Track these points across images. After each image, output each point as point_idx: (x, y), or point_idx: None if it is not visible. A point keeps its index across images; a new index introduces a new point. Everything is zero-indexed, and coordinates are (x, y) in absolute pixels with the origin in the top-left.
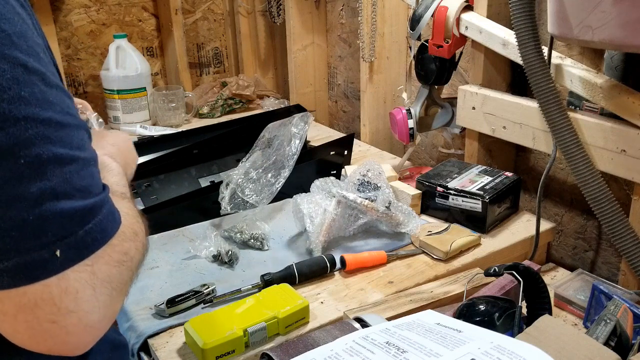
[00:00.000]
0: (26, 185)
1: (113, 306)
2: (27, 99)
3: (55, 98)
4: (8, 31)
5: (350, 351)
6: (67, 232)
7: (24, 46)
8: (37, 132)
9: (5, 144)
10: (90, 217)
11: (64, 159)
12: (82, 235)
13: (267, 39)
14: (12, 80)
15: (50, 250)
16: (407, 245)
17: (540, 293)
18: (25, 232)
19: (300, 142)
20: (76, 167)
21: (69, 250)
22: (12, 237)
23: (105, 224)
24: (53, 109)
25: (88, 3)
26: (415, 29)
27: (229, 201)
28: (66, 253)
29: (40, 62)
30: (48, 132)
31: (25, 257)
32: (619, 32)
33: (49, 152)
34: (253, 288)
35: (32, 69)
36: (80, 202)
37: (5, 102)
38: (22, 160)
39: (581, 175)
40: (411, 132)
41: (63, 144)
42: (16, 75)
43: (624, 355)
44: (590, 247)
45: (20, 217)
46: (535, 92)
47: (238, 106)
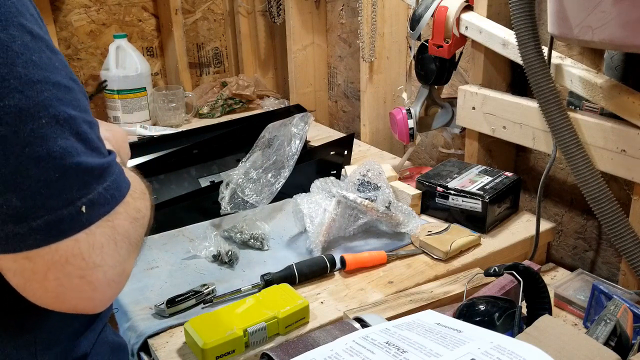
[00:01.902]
0: (49, 144)
1: (130, 261)
2: (38, 64)
3: (60, 63)
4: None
5: (350, 351)
6: (89, 190)
7: (27, 15)
8: (51, 94)
9: (26, 105)
10: (106, 175)
11: (77, 119)
12: (102, 192)
13: (267, 39)
14: (23, 45)
15: (76, 206)
16: (407, 245)
17: (540, 293)
18: (52, 190)
19: (300, 142)
20: (87, 128)
21: (92, 206)
22: (41, 195)
23: (119, 182)
24: (59, 73)
25: (88, 3)
26: (415, 29)
27: (229, 201)
28: (90, 209)
29: (42, 29)
30: (60, 94)
31: (55, 215)
32: (619, 32)
33: (64, 112)
34: (253, 288)
35: (37, 36)
36: (97, 160)
37: (20, 66)
38: (43, 120)
39: (581, 175)
40: (411, 132)
41: (73, 107)
42: (26, 41)
43: (624, 355)
44: (590, 247)
45: (47, 176)
46: (535, 92)
47: (238, 106)
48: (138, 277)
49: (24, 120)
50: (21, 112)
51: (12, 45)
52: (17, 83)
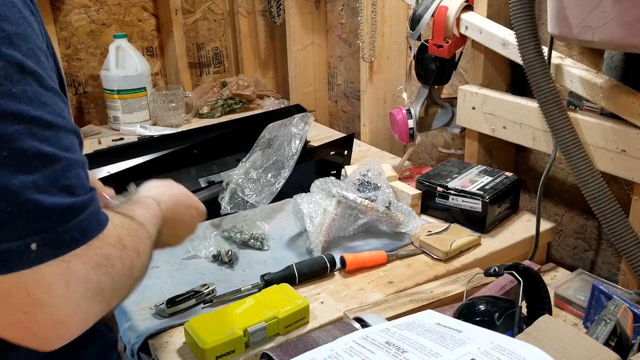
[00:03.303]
0: (7, 178)
1: (87, 308)
2: (18, 96)
3: (49, 100)
4: (9, 31)
5: (350, 351)
6: (44, 228)
7: (24, 48)
8: (23, 128)
9: None
10: (71, 216)
11: (49, 157)
12: (60, 233)
13: (267, 39)
14: (5, 77)
15: (26, 242)
16: (407, 245)
17: (540, 293)
18: (3, 223)
19: (300, 143)
20: (61, 167)
21: (44, 245)
22: None
23: (85, 225)
24: (44, 109)
25: (88, 3)
26: (415, 29)
27: (229, 201)
28: (42, 248)
29: (39, 65)
30: (35, 130)
31: (3, 246)
32: (619, 32)
33: (33, 148)
34: (253, 288)
35: (28, 70)
36: (62, 200)
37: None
38: (4, 152)
39: (581, 175)
40: (411, 132)
41: (49, 143)
42: (10, 73)
43: (624, 355)
44: (590, 247)
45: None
46: (535, 92)
47: (238, 106)
48: None
49: None
50: None
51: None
52: None
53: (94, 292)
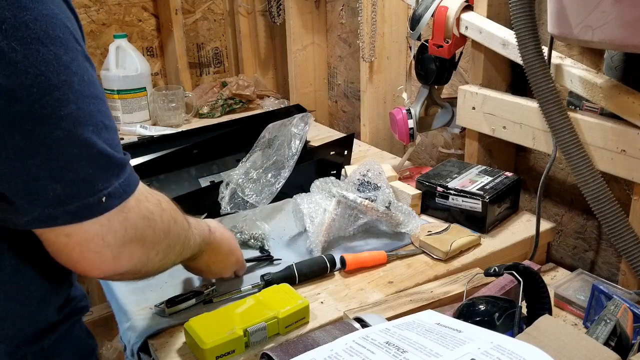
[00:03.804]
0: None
1: (132, 251)
2: (87, 81)
3: (95, 77)
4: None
5: (350, 351)
6: (109, 184)
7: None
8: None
9: (78, 115)
10: (122, 174)
11: (108, 127)
12: (117, 187)
13: (267, 39)
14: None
15: (99, 196)
16: (407, 245)
17: (540, 293)
18: (86, 183)
19: (300, 143)
20: (113, 134)
21: (110, 197)
22: (78, 186)
23: (130, 180)
24: (98, 89)
25: (88, 3)
26: (415, 29)
27: (229, 201)
28: (108, 199)
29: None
30: (100, 107)
31: (84, 202)
32: (619, 32)
33: (101, 122)
34: (253, 288)
35: (87, 59)
36: (118, 161)
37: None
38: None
39: (581, 175)
40: (411, 132)
41: (106, 117)
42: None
43: (624, 355)
44: (590, 247)
45: (85, 171)
46: (535, 92)
47: (238, 106)
48: None
49: (76, 127)
50: (75, 120)
51: (70, 66)
52: (73, 97)
53: (139, 238)
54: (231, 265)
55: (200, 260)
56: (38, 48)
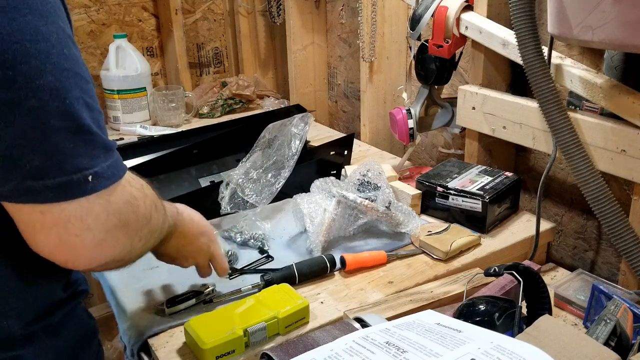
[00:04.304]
0: (69, 119)
1: (117, 237)
2: (67, 56)
3: (80, 59)
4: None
5: (350, 351)
6: (96, 163)
7: (63, 17)
8: (74, 81)
9: (56, 86)
10: (109, 156)
11: (90, 106)
12: (105, 168)
13: (267, 39)
14: (58, 40)
15: (84, 174)
16: (407, 245)
17: (540, 293)
18: (67, 156)
19: (300, 143)
20: (97, 115)
21: (97, 177)
22: (58, 159)
23: (118, 165)
24: (81, 68)
25: (88, 3)
26: (415, 29)
27: (229, 201)
28: (95, 180)
29: (70, 31)
30: (80, 83)
31: (66, 178)
32: (619, 32)
33: (82, 98)
34: (253, 288)
35: (68, 35)
36: (104, 141)
37: (54, 55)
38: (67, 100)
39: (581, 175)
40: (411, 132)
41: (89, 95)
42: (60, 37)
43: (624, 355)
44: (590, 247)
45: (65, 144)
46: (535, 92)
47: (238, 106)
48: (138, 277)
49: (53, 98)
50: (52, 91)
51: (50, 38)
52: (51, 68)
53: (123, 224)
54: (202, 248)
55: (169, 244)
56: (15, 17)
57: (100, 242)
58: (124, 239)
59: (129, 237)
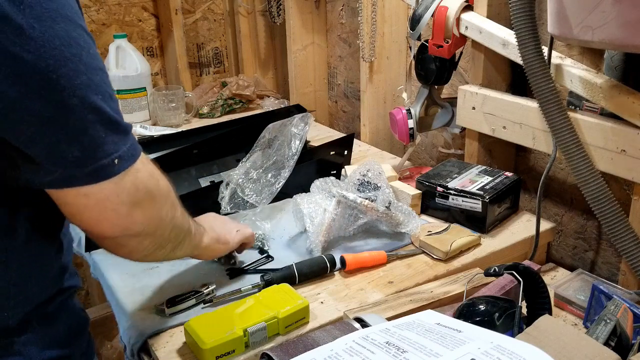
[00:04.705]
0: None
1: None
2: (93, 55)
3: (94, 50)
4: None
5: (350, 351)
6: (119, 147)
7: (82, 18)
8: (100, 78)
9: (90, 84)
10: (127, 139)
11: (112, 96)
12: (125, 150)
13: (267, 39)
14: (85, 41)
15: (111, 158)
16: (407, 245)
17: (540, 293)
18: (100, 146)
19: (300, 143)
20: (116, 103)
21: (121, 159)
22: (93, 149)
23: (135, 145)
24: (100, 61)
25: (88, 3)
26: (415, 29)
27: (229, 201)
28: (120, 161)
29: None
30: (105, 78)
31: (99, 163)
32: (619, 32)
33: (107, 91)
34: (253, 288)
35: (90, 35)
36: (124, 127)
37: (84, 56)
38: (99, 95)
39: (581, 175)
40: (411, 132)
41: (109, 87)
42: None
43: (624, 355)
44: (590, 247)
45: (98, 135)
46: (535, 92)
47: (238, 106)
48: (138, 277)
49: (88, 95)
50: (87, 88)
51: (79, 41)
52: (84, 68)
53: (149, 195)
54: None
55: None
56: (52, 25)
57: (130, 212)
58: (151, 208)
59: (156, 207)
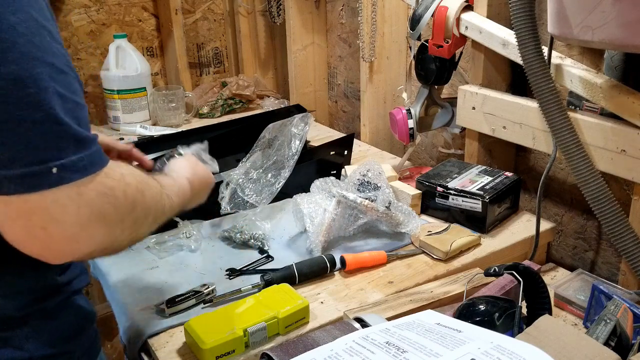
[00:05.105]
0: (34, 110)
1: (92, 230)
2: (37, 45)
3: (59, 52)
4: None
5: (350, 351)
6: (63, 155)
7: (37, 7)
8: (43, 71)
9: (21, 75)
10: (82, 149)
11: (63, 96)
12: (75, 160)
13: (267, 39)
14: (27, 28)
15: (48, 166)
16: (407, 245)
17: (540, 293)
18: (30, 148)
19: (300, 143)
20: (71, 106)
21: (63, 169)
22: (21, 150)
23: (94, 157)
24: (57, 58)
25: (88, 3)
26: (415, 29)
27: (229, 201)
28: (61, 172)
29: (49, 22)
30: (52, 74)
31: (29, 169)
32: (619, 32)
33: (52, 87)
34: (253, 288)
35: (42, 25)
36: (76, 133)
37: (20, 44)
38: (32, 89)
39: (581, 175)
40: (411, 132)
41: (62, 86)
42: (30, 26)
43: (624, 355)
44: (590, 247)
45: (28, 135)
46: (535, 92)
47: (238, 106)
48: (138, 277)
49: (16, 87)
50: (15, 80)
51: (17, 27)
52: (16, 56)
53: (97, 216)
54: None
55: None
56: None
57: (72, 236)
58: (101, 232)
59: (108, 230)
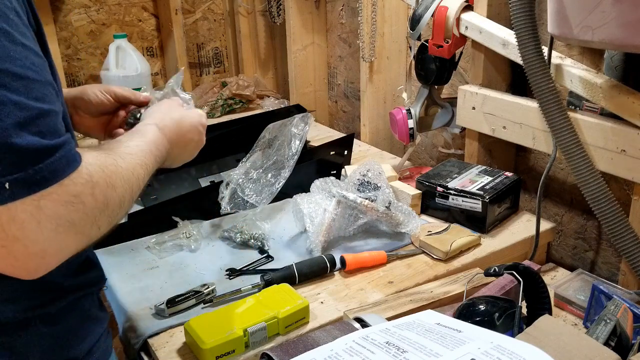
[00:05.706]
0: None
1: (60, 242)
2: None
3: (18, 54)
4: None
5: (350, 351)
6: (17, 169)
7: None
8: None
9: None
10: (41, 158)
11: (19, 104)
12: (31, 173)
13: (267, 39)
14: None
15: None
16: (407, 245)
17: (540, 293)
18: None
19: (300, 143)
20: (30, 114)
21: (17, 184)
22: None
23: (56, 166)
24: (13, 62)
25: (88, 3)
26: (415, 29)
27: (229, 201)
28: (14, 187)
29: (8, 22)
30: (5, 80)
31: None
32: (619, 32)
33: (3, 96)
34: (253, 288)
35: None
36: (33, 143)
37: None
38: None
39: (581, 175)
40: (411, 132)
41: (19, 93)
42: None
43: (624, 355)
44: (590, 247)
45: None
46: (535, 92)
47: (238, 106)
48: (138, 277)
49: None
50: None
51: None
52: None
53: (65, 227)
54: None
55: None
56: None
57: (38, 252)
58: (74, 239)
59: (80, 235)
